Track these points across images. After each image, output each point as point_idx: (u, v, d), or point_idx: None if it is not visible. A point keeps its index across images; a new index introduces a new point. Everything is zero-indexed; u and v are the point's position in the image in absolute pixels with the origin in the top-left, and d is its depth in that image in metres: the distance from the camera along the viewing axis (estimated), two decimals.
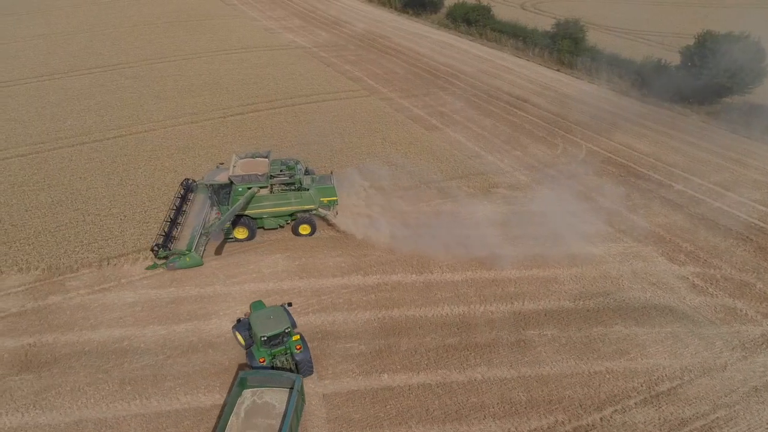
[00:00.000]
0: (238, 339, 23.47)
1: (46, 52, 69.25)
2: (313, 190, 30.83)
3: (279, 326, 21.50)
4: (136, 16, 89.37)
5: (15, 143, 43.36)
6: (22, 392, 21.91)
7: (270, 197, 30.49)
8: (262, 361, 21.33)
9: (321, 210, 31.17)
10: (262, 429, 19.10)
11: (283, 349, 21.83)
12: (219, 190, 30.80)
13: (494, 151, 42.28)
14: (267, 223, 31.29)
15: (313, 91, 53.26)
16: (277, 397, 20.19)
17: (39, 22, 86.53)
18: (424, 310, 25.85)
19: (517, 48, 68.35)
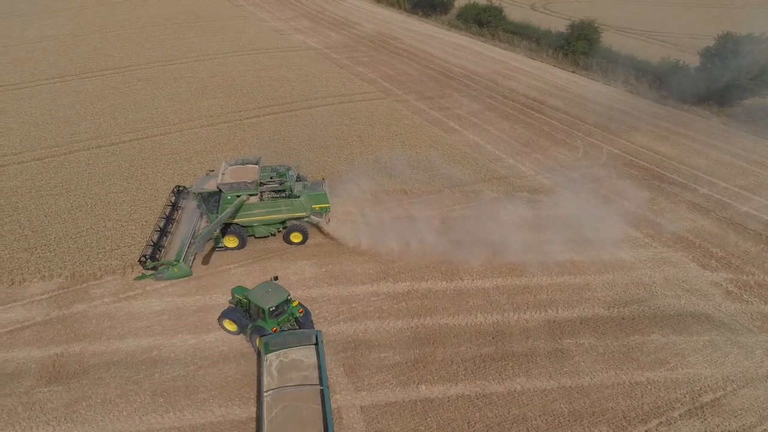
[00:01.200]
0: (228, 328, 24.11)
1: (56, 53, 68.84)
2: (304, 197, 30.13)
3: (281, 296, 23.01)
4: (144, 17, 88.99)
5: (30, 146, 42.91)
6: (52, 404, 21.45)
7: (260, 205, 29.78)
8: (275, 330, 22.66)
9: (313, 217, 30.52)
10: (298, 380, 20.77)
11: (287, 317, 23.33)
12: (208, 198, 30.01)
13: (514, 154, 41.81)
14: (258, 231, 30.65)
15: (328, 93, 52.80)
16: (302, 354, 21.96)
17: (47, 23, 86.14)
18: (457, 319, 25.37)
19: (531, 49, 67.88)
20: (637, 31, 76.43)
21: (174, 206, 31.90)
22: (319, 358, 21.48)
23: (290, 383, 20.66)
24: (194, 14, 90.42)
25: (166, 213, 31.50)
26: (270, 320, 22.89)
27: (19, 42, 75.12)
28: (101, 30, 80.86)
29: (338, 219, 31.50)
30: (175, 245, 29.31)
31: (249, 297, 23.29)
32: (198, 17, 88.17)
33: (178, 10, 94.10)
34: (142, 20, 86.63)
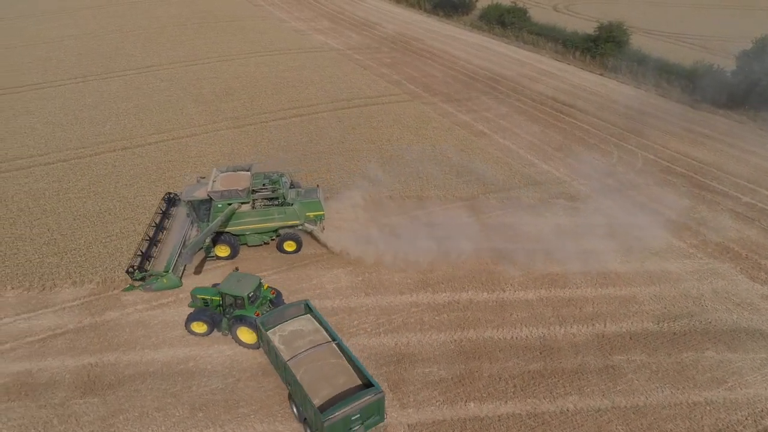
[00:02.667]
0: (197, 331, 23.94)
1: (77, 53, 68.61)
2: (298, 205, 29.15)
3: (254, 281, 23.46)
4: (164, 17, 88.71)
5: (56, 147, 42.51)
6: (88, 417, 20.81)
7: (252, 213, 28.82)
8: (257, 314, 22.92)
9: (307, 225, 29.55)
10: (309, 342, 21.26)
11: (261, 300, 23.87)
12: (199, 206, 29.01)
13: (547, 159, 40.79)
14: (250, 239, 29.80)
15: (353, 95, 52.01)
16: (298, 324, 22.28)
17: (66, 23, 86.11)
18: (502, 332, 24.47)
19: (556, 51, 66.72)
20: (663, 33, 75.03)
21: (164, 214, 30.87)
22: (319, 321, 22.24)
23: (302, 349, 20.94)
24: (213, 14, 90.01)
25: (156, 221, 30.28)
26: (250, 306, 23.23)
27: (39, 41, 75.04)
28: (121, 30, 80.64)
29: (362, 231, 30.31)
30: (165, 255, 28.02)
31: (222, 290, 23.27)
32: (217, 17, 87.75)
33: (197, 10, 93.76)
34: (161, 20, 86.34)
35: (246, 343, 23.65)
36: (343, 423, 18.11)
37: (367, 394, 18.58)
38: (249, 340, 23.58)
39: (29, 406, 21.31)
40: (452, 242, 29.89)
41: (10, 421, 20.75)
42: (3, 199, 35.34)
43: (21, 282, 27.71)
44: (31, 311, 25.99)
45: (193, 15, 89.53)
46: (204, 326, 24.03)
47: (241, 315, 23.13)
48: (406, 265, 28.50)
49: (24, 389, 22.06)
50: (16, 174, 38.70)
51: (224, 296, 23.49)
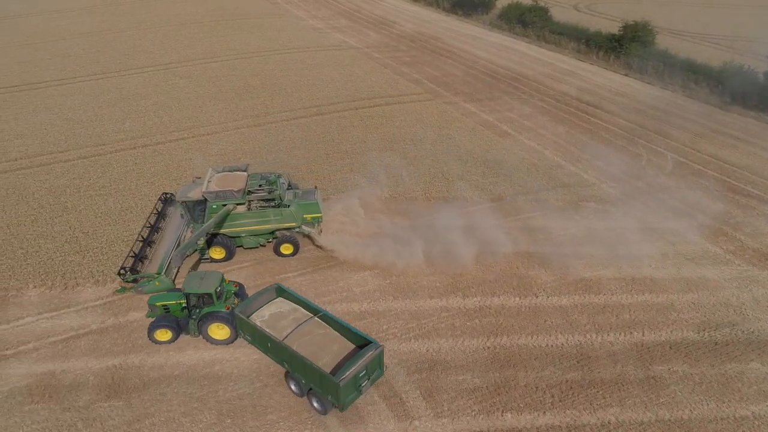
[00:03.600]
0: (161, 339, 23.22)
1: (96, 50, 68.56)
2: (295, 207, 28.35)
3: (217, 277, 23.16)
4: (181, 14, 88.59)
5: (76, 144, 42.21)
6: (113, 421, 20.25)
7: (247, 215, 28.01)
8: (228, 308, 22.88)
9: (305, 228, 28.79)
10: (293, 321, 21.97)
11: (227, 294, 23.63)
12: (194, 207, 28.29)
13: (574, 161, 39.82)
14: (246, 242, 29.02)
15: (374, 93, 51.31)
16: (274, 308, 22.87)
17: (84, 20, 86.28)
18: (537, 339, 23.63)
19: (579, 51, 65.58)
20: (688, 33, 73.62)
21: (160, 214, 30.25)
22: (297, 298, 22.98)
23: (290, 328, 21.52)
24: (230, 12, 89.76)
25: (151, 222, 29.70)
26: (218, 302, 22.94)
27: (57, 37, 75.20)
28: (139, 27, 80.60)
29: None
30: (159, 256, 27.36)
31: (188, 291, 22.77)
32: (234, 15, 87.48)
33: (213, 7, 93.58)
34: (179, 17, 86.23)
35: (218, 340, 23.25)
36: (353, 382, 19.32)
37: (369, 351, 19.84)
38: (221, 337, 23.20)
39: (53, 409, 20.81)
40: (481, 245, 29.11)
41: (34, 423, 20.26)
42: (24, 196, 35.03)
43: (43, 280, 27.29)
44: (53, 310, 25.54)
45: (210, 12, 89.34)
46: (169, 333, 23.20)
47: (211, 312, 22.78)
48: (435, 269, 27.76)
49: (48, 391, 21.57)
50: (36, 170, 38.42)
51: (189, 297, 22.95)
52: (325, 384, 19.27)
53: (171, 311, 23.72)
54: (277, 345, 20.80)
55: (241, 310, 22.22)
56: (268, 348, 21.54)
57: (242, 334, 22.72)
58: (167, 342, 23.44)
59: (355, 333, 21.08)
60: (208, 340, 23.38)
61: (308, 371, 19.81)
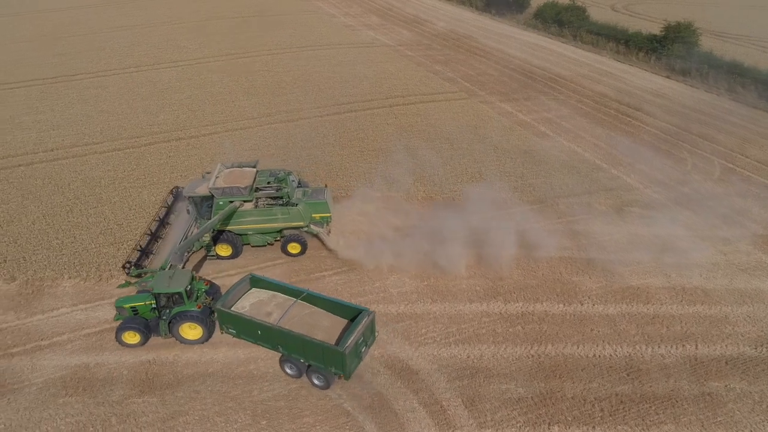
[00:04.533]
0: (130, 342, 22.51)
1: (130, 43, 69.09)
2: (303, 206, 27.44)
3: (187, 275, 22.62)
4: (213, 9, 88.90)
5: (110, 137, 42.26)
6: (147, 418, 19.83)
7: (254, 212, 27.28)
8: (199, 307, 22.35)
9: (313, 227, 27.90)
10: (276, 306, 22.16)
11: (198, 294, 22.96)
12: (201, 202, 27.69)
13: (616, 164, 38.44)
14: (253, 239, 28.31)
15: (408, 91, 50.49)
16: (252, 297, 22.83)
17: (114, 14, 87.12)
18: (583, 349, 22.57)
19: (618, 51, 63.82)
20: (730, 34, 71.11)
21: (170, 209, 29.70)
22: (274, 285, 23.10)
23: (275, 314, 21.63)
24: (263, 8, 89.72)
25: (159, 216, 29.27)
26: (189, 301, 22.30)
27: (88, 32, 76.10)
28: (171, 21, 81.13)
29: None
30: (165, 251, 27.06)
31: (157, 291, 22.10)
32: (266, 11, 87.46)
33: (245, 3, 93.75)
34: (211, 12, 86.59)
35: (190, 340, 22.70)
36: (355, 349, 19.85)
37: (364, 318, 20.57)
38: (193, 337, 22.68)
39: (87, 403, 20.50)
40: (522, 249, 28.14)
41: (68, 417, 19.96)
42: (60, 186, 35.08)
43: (78, 272, 27.13)
44: (87, 302, 25.34)
45: (241, 8, 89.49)
46: (137, 336, 22.49)
47: (182, 311, 22.14)
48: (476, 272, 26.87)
49: (82, 384, 21.29)
50: (72, 161, 38.52)
51: (159, 297, 22.23)
52: (329, 357, 19.61)
53: (140, 313, 22.89)
54: (271, 330, 20.67)
55: (222, 304, 21.80)
56: (258, 336, 21.25)
57: (226, 328, 22.10)
58: (136, 345, 22.63)
59: (342, 305, 21.86)
60: (179, 340, 22.71)
61: (309, 349, 19.95)
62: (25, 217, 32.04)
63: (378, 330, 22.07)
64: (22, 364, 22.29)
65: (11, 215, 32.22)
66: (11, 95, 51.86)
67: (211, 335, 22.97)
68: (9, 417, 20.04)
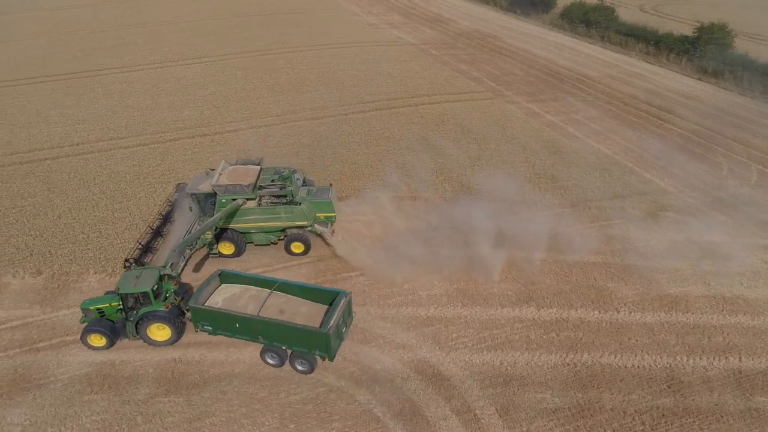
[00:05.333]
0: (95, 344, 22.02)
1: (153, 40, 69.31)
2: (306, 205, 26.93)
3: (154, 274, 22.19)
4: (236, 7, 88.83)
5: (135, 132, 42.19)
6: (173, 419, 19.43)
7: (257, 211, 26.82)
8: (167, 307, 21.93)
9: (317, 227, 27.31)
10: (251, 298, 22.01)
11: (166, 293, 22.52)
12: (204, 199, 27.27)
13: (649, 168, 37.37)
14: (256, 238, 27.85)
15: (433, 90, 49.78)
16: (223, 292, 22.53)
17: (135, 11, 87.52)
18: (621, 359, 21.72)
19: (647, 53, 62.44)
20: (763, 36, 69.28)
21: (174, 205, 29.44)
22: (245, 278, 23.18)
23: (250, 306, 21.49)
24: (284, 5, 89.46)
25: (162, 212, 28.95)
26: (156, 302, 21.82)
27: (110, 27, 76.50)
28: (194, 18, 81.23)
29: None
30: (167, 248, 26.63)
31: (123, 291, 21.61)
32: (288, 8, 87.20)
33: (267, 1, 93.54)
34: (234, 9, 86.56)
35: (159, 341, 22.22)
36: (337, 330, 20.34)
37: (342, 299, 21.08)
38: (162, 338, 22.21)
39: (112, 401, 20.17)
40: (553, 253, 27.36)
41: (93, 414, 19.64)
42: (85, 181, 35.00)
43: (104, 267, 26.93)
44: None
45: (264, 6, 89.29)
46: (103, 339, 21.95)
47: (150, 312, 21.67)
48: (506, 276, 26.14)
49: (107, 381, 20.98)
50: (97, 156, 38.47)
51: (125, 297, 21.71)
52: (313, 340, 20.02)
53: (106, 315, 22.38)
54: (251, 321, 20.74)
55: (195, 302, 21.50)
56: (236, 329, 21.17)
57: (201, 326, 21.74)
58: (102, 348, 22.12)
59: (318, 290, 22.36)
60: (147, 342, 22.22)
61: (291, 335, 20.27)
62: (51, 210, 31.98)
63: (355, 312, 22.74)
64: (47, 359, 22.07)
65: (37, 209, 32.18)
66: (37, 89, 52.16)
67: (180, 336, 22.51)
68: (34, 413, 19.79)
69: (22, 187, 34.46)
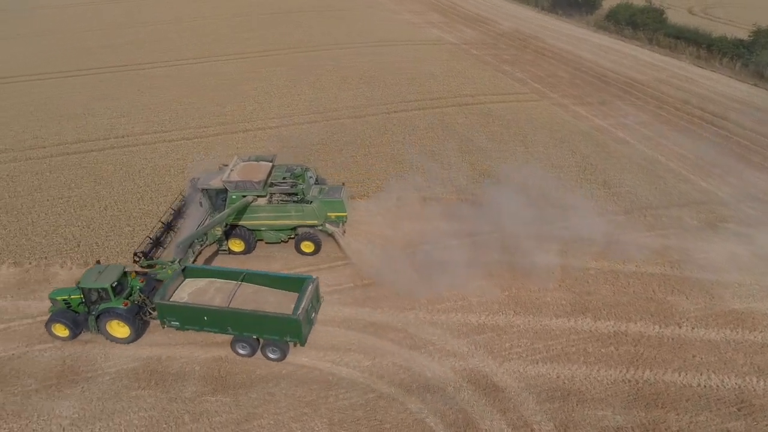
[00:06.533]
0: (59, 334, 22.10)
1: (195, 35, 69.85)
2: (317, 204, 26.37)
3: (117, 270, 22.00)
4: (276, 3, 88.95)
5: (179, 125, 42.33)
6: (220, 419, 19.07)
7: (267, 208, 26.44)
8: (126, 304, 21.63)
9: (328, 226, 26.70)
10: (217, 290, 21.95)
11: (130, 290, 22.32)
12: (216, 195, 27.16)
13: (705, 176, 35.80)
14: (266, 236, 27.47)
15: (477, 91, 48.79)
16: (188, 287, 22.27)
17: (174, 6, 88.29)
18: (686, 377, 20.58)
19: (698, 56, 60.27)
20: None
21: (186, 200, 29.35)
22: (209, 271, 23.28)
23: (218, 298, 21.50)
24: (326, 3, 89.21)
25: (174, 207, 28.91)
26: (116, 298, 21.64)
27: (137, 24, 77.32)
28: (235, 15, 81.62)
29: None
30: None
31: (83, 285, 21.54)
32: (327, 6, 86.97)
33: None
34: (273, 6, 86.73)
35: (117, 337, 21.97)
36: (307, 315, 20.58)
37: (309, 284, 21.36)
38: (121, 335, 21.97)
39: (160, 398, 19.93)
40: (609, 262, 26.27)
41: (141, 411, 19.41)
42: (131, 174, 35.14)
43: None
44: None
45: (302, 3, 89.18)
46: (65, 330, 21.99)
47: (108, 308, 21.46)
48: (559, 284, 25.16)
49: (154, 377, 20.77)
50: (142, 149, 38.65)
51: (86, 291, 21.63)
52: (283, 326, 20.27)
53: (72, 306, 22.35)
54: (220, 313, 20.79)
55: (161, 297, 21.32)
56: (204, 322, 21.10)
57: (168, 321, 21.53)
58: (66, 338, 22.21)
59: (284, 278, 22.58)
60: (106, 337, 22.11)
61: (262, 323, 20.50)
62: (98, 202, 32.14)
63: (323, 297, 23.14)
64: (95, 352, 21.99)
65: (84, 200, 32.37)
66: (83, 82, 52.89)
67: (139, 335, 22.29)
68: (83, 406, 19.68)
69: (69, 178, 34.77)
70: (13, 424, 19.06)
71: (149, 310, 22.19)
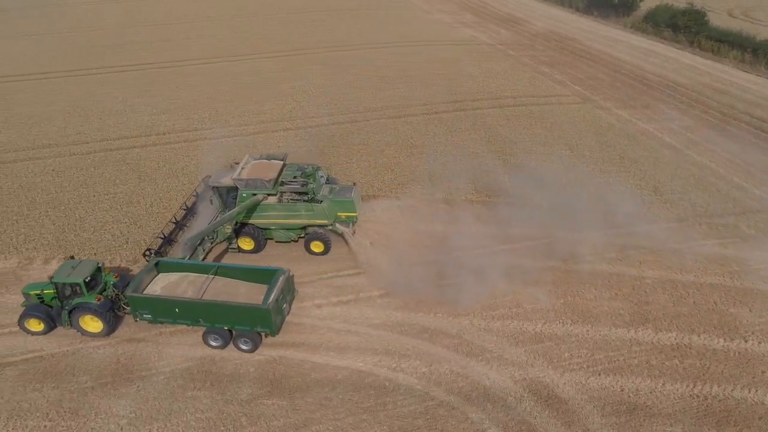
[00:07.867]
0: (33, 329, 22.14)
1: (229, 34, 70.05)
2: (328, 203, 26.09)
3: (91, 266, 22.11)
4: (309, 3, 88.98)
5: (219, 123, 42.36)
6: (278, 423, 18.81)
7: (277, 207, 26.28)
8: (99, 299, 21.64)
9: (338, 226, 26.41)
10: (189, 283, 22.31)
11: (104, 286, 22.33)
12: (226, 193, 27.14)
13: (759, 184, 34.64)
14: (276, 235, 27.32)
15: (517, 92, 48.07)
16: (161, 281, 22.56)
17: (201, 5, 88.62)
18: (757, 394, 19.78)
19: (743, 60, 58.75)
20: None
21: (199, 197, 29.34)
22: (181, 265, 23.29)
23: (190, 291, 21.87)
24: (356, 3, 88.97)
25: (187, 204, 28.89)
26: (89, 293, 21.65)
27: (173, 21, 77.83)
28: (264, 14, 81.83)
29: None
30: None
31: (56, 280, 21.60)
32: (360, 5, 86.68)
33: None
34: (306, 6, 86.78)
35: (91, 332, 21.98)
36: (277, 305, 20.83)
37: (281, 276, 21.58)
38: (94, 329, 22.05)
39: (216, 399, 19.75)
40: (666, 271, 25.51)
41: (198, 412, 19.25)
42: (174, 171, 35.24)
43: None
44: None
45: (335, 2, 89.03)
46: (40, 324, 22.13)
47: (81, 303, 21.52)
48: (615, 293, 24.49)
49: (209, 378, 20.60)
50: (183, 146, 38.77)
51: (59, 286, 21.71)
52: (254, 317, 20.51)
53: (45, 301, 22.39)
54: (191, 305, 21.02)
55: (134, 290, 21.48)
56: (177, 315, 21.30)
57: (140, 315, 21.72)
58: (40, 333, 22.29)
59: (256, 270, 22.82)
60: (79, 332, 22.18)
61: (233, 314, 20.73)
62: (143, 199, 32.22)
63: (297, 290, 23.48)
64: (148, 351, 21.92)
65: (130, 196, 32.48)
66: (119, 78, 53.30)
67: (113, 329, 22.36)
68: (139, 406, 19.58)
69: (114, 174, 34.95)
70: (71, 422, 19.03)
71: (123, 305, 22.36)
